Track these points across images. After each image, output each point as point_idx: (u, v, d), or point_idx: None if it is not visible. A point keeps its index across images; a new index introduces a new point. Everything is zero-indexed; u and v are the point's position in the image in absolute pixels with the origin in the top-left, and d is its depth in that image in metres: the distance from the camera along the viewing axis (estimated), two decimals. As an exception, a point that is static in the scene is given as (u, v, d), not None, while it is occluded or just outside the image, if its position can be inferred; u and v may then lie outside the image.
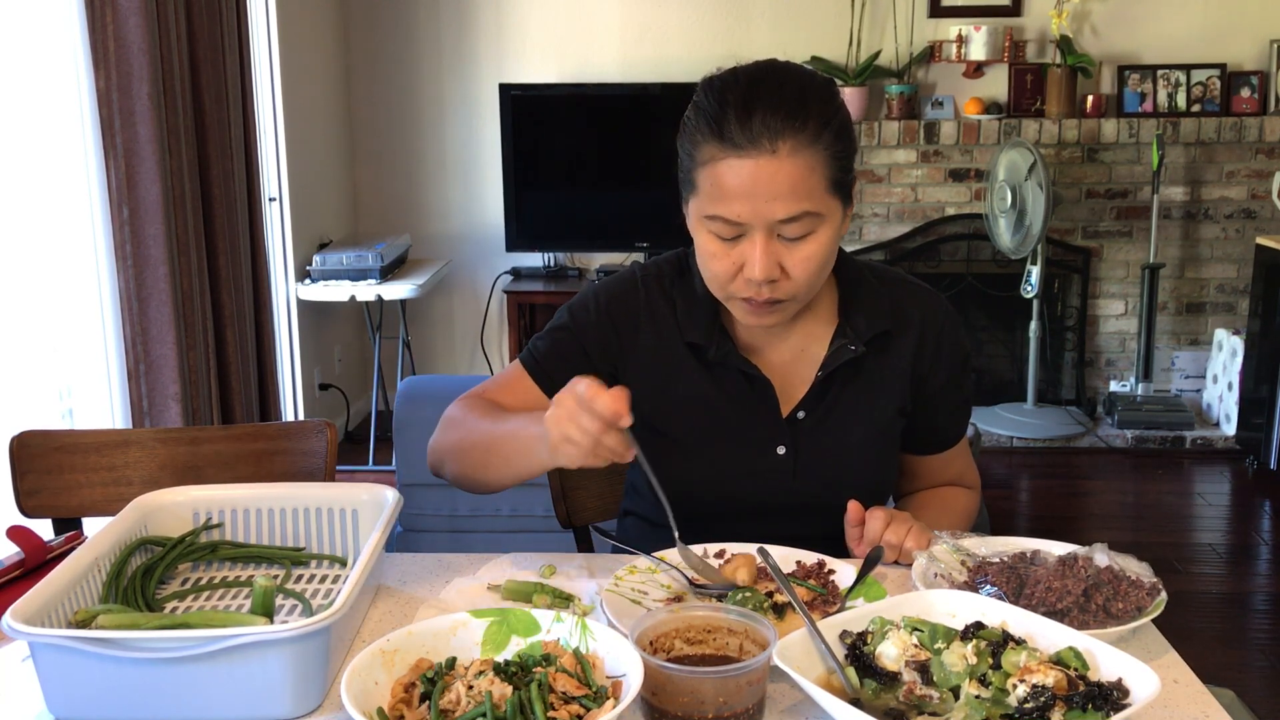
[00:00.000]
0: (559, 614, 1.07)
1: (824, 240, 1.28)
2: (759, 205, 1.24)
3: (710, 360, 1.42)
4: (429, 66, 4.85)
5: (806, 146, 1.23)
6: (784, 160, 1.23)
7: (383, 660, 1.02)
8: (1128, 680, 0.98)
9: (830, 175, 1.26)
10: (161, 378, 2.98)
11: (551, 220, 4.72)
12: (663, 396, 1.44)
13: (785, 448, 1.43)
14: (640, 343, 1.44)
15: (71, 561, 1.15)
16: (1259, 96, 4.67)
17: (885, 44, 4.72)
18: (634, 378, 1.44)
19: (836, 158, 1.26)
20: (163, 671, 1.01)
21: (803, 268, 1.28)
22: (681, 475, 1.45)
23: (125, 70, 2.81)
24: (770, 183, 1.23)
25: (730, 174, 1.24)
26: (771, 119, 1.22)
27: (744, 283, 1.29)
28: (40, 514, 1.67)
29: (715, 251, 1.30)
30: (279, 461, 1.72)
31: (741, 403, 1.43)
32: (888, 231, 4.82)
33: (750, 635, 1.07)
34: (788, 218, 1.24)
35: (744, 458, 1.43)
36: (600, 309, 1.45)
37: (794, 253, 1.27)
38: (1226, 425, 4.63)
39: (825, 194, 1.26)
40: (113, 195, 2.86)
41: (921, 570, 1.25)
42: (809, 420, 1.43)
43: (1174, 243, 4.80)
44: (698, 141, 1.28)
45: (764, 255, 1.26)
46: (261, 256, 3.60)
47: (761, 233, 1.25)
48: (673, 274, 1.45)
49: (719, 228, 1.28)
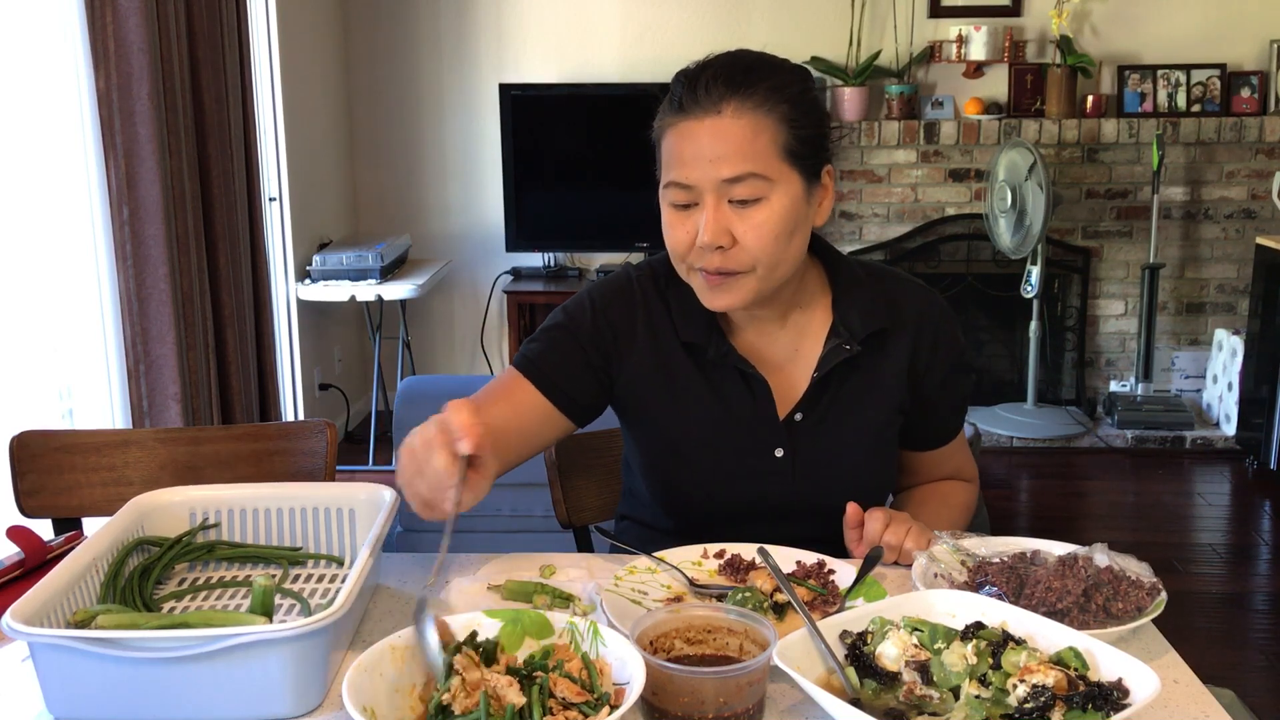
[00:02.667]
0: (573, 618, 1.07)
1: (777, 209, 1.29)
2: (705, 167, 1.27)
3: (708, 361, 1.41)
4: (429, 66, 4.85)
5: (753, 109, 1.27)
6: (728, 120, 1.27)
7: (391, 656, 1.02)
8: (1128, 680, 0.98)
9: (783, 143, 1.28)
10: (161, 378, 2.98)
11: (551, 220, 4.72)
12: (660, 398, 1.43)
13: (783, 450, 1.42)
14: (637, 344, 1.43)
15: (69, 562, 1.15)
16: (1259, 96, 4.67)
17: (885, 44, 4.72)
18: (631, 379, 1.43)
19: (791, 127, 1.29)
20: (163, 671, 1.01)
21: (754, 235, 1.28)
22: (679, 478, 1.45)
23: (125, 70, 2.81)
24: (715, 142, 1.27)
25: (680, 137, 1.29)
26: (716, 83, 1.28)
27: (699, 251, 1.30)
28: (40, 514, 1.67)
29: (672, 221, 1.33)
30: (279, 461, 1.72)
31: (739, 404, 1.41)
32: (888, 231, 4.82)
33: (750, 635, 1.07)
34: (733, 177, 1.27)
35: (742, 460, 1.42)
36: (596, 310, 1.43)
37: (745, 219, 1.28)
38: (1226, 425, 4.63)
39: (776, 160, 1.28)
40: (113, 195, 2.86)
41: (921, 570, 1.25)
42: (806, 422, 1.42)
43: (1174, 243, 4.80)
44: (661, 119, 1.34)
45: (712, 218, 1.28)
46: (261, 256, 3.60)
47: (711, 195, 1.28)
48: (666, 274, 1.43)
49: (674, 194, 1.31)
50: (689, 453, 1.43)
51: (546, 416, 1.40)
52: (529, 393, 1.40)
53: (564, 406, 1.40)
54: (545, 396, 1.39)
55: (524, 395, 1.40)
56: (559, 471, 1.70)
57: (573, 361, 1.41)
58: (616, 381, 1.44)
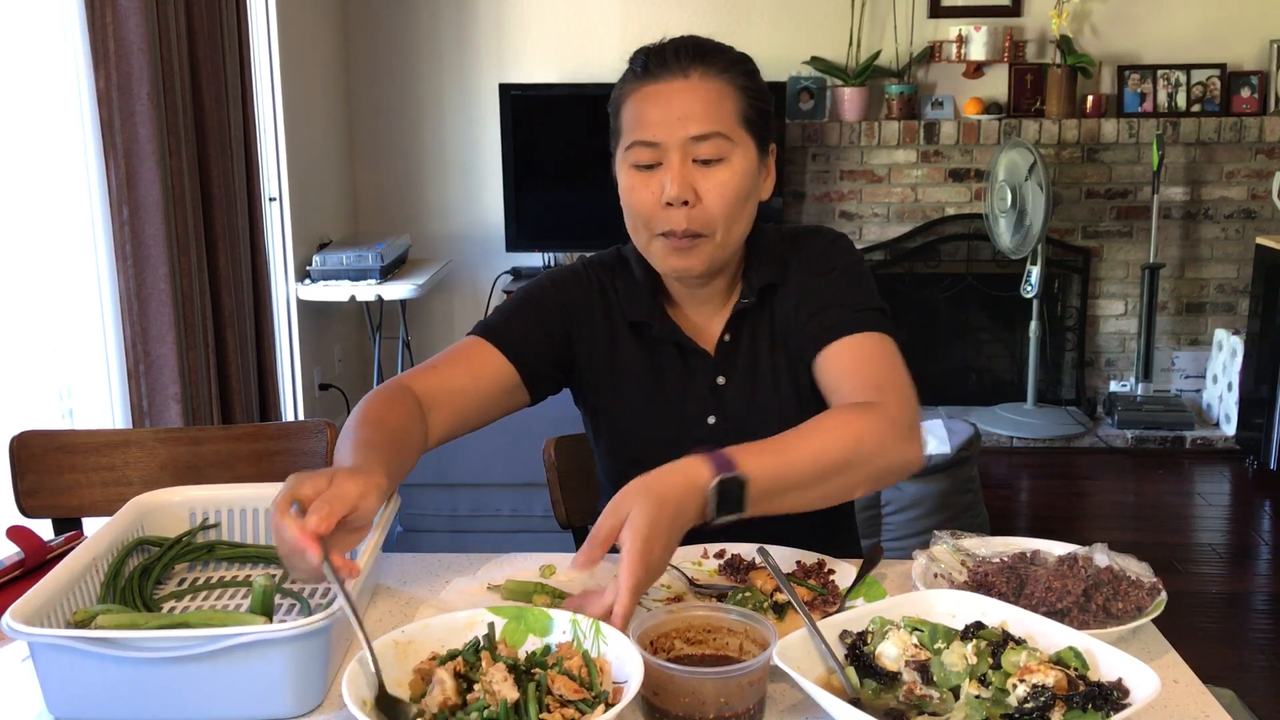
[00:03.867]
0: (576, 616, 1.06)
1: (738, 170, 1.34)
2: (673, 124, 1.32)
3: (652, 339, 1.45)
4: (429, 66, 4.85)
5: (716, 76, 1.35)
6: (696, 83, 1.34)
7: (395, 651, 1.02)
8: (1128, 680, 0.98)
9: (741, 110, 1.35)
10: (161, 378, 2.98)
11: (551, 220, 4.72)
12: (608, 378, 1.48)
13: (715, 417, 1.45)
14: (591, 324, 1.48)
15: (69, 562, 1.15)
16: (1259, 96, 4.67)
17: (885, 44, 4.72)
18: (585, 358, 1.48)
19: (749, 96, 1.36)
20: (163, 671, 1.01)
21: (717, 193, 1.33)
22: (626, 457, 1.48)
23: (125, 70, 2.81)
24: (684, 101, 1.33)
25: (646, 100, 1.34)
26: (683, 51, 1.35)
27: (663, 213, 1.34)
28: (40, 514, 1.67)
29: (634, 184, 1.36)
30: (279, 461, 1.72)
31: (676, 377, 1.46)
32: (888, 231, 4.82)
33: (750, 635, 1.07)
34: (700, 134, 1.32)
35: (679, 432, 1.45)
36: (554, 289, 1.49)
37: (708, 178, 1.33)
38: (1226, 425, 4.63)
39: (736, 124, 1.35)
40: (113, 195, 2.86)
41: (921, 570, 1.25)
42: (731, 387, 1.45)
43: (1174, 243, 4.80)
44: (621, 90, 1.38)
45: (679, 174, 1.32)
46: (261, 256, 3.60)
47: (677, 153, 1.32)
48: (613, 264, 1.50)
49: (638, 154, 1.34)
50: (632, 429, 1.48)
51: (504, 383, 1.42)
52: (491, 358, 1.41)
53: (525, 372, 1.43)
54: (509, 361, 1.42)
55: (485, 361, 1.41)
56: (559, 472, 1.70)
57: (534, 329, 1.45)
58: (576, 359, 1.48)
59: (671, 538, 1.08)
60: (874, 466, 1.21)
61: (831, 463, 1.18)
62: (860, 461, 1.19)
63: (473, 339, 1.44)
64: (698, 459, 1.12)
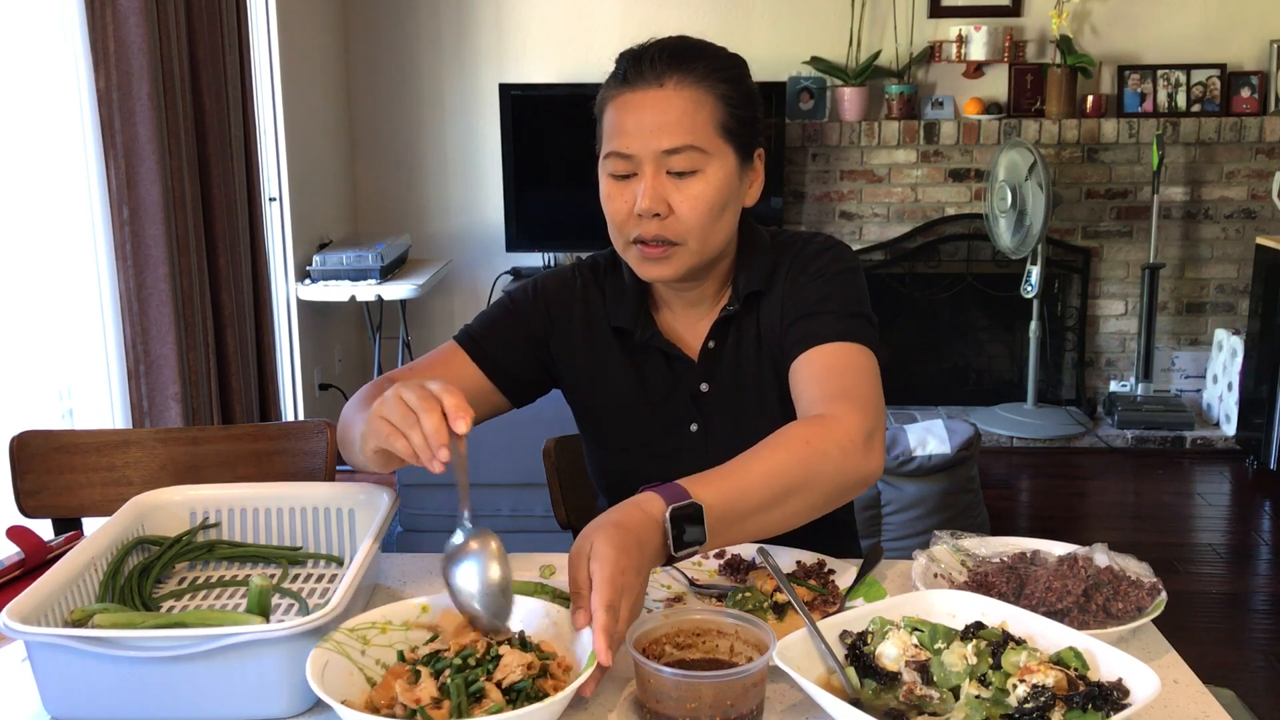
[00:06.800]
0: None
1: (713, 182, 1.32)
2: (646, 137, 1.31)
3: (635, 344, 1.45)
4: (429, 66, 4.84)
5: (693, 85, 1.32)
6: (670, 93, 1.31)
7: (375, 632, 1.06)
8: (1128, 680, 0.98)
9: (719, 119, 1.33)
10: (161, 378, 2.98)
11: (552, 220, 4.72)
12: (591, 382, 1.48)
13: (697, 424, 1.45)
14: (572, 329, 1.47)
15: (68, 561, 1.15)
16: (1259, 96, 4.67)
17: (885, 44, 4.72)
18: (567, 362, 1.48)
19: (728, 104, 1.33)
20: (159, 670, 1.01)
21: (690, 206, 1.32)
22: (610, 460, 1.49)
23: (125, 70, 2.81)
24: (656, 112, 1.31)
25: (622, 109, 1.33)
26: (658, 59, 1.33)
27: (636, 220, 1.33)
28: (40, 514, 1.67)
29: (611, 192, 1.35)
30: (279, 461, 1.72)
31: (659, 384, 1.46)
32: (888, 231, 4.82)
33: (741, 636, 1.07)
34: (672, 148, 1.30)
35: (662, 438, 1.46)
36: (536, 293, 1.49)
37: (682, 190, 1.32)
38: (1226, 425, 4.63)
39: (713, 134, 1.32)
40: (113, 195, 2.86)
41: (921, 570, 1.25)
42: (713, 394, 1.45)
43: (1174, 243, 4.80)
44: (603, 95, 1.37)
45: (650, 186, 1.31)
46: (261, 256, 3.60)
47: (650, 165, 1.31)
48: (606, 266, 1.50)
49: (613, 164, 1.34)
50: (615, 434, 1.48)
51: (481, 390, 1.43)
52: (466, 367, 1.44)
53: (499, 381, 1.44)
54: (482, 371, 1.44)
55: (461, 368, 1.44)
56: (558, 472, 1.70)
57: (509, 337, 1.46)
58: (556, 364, 1.48)
59: (641, 560, 1.06)
60: (830, 482, 1.18)
61: (786, 482, 1.15)
62: (815, 478, 1.16)
63: (451, 346, 1.47)
64: (649, 494, 1.11)
